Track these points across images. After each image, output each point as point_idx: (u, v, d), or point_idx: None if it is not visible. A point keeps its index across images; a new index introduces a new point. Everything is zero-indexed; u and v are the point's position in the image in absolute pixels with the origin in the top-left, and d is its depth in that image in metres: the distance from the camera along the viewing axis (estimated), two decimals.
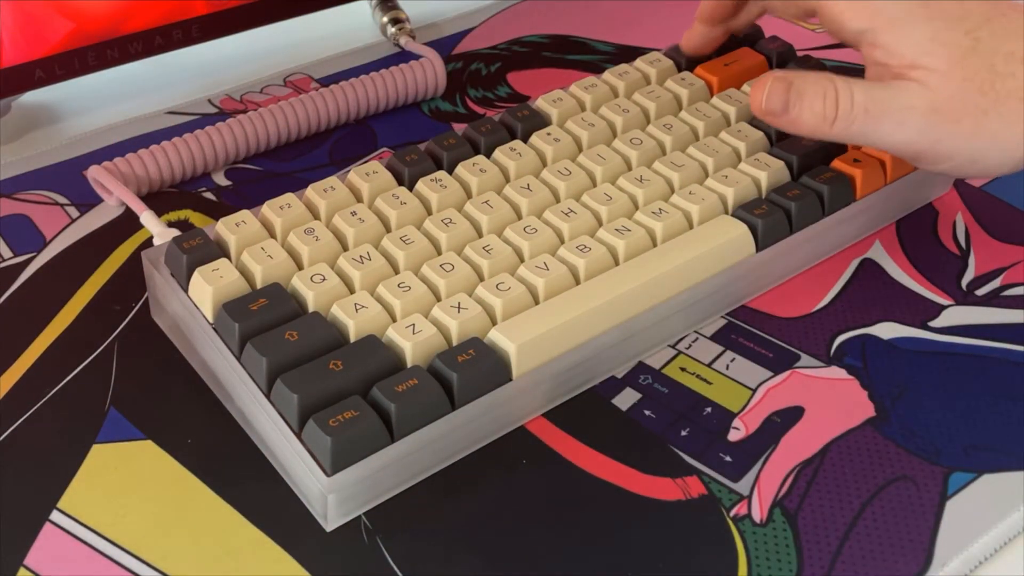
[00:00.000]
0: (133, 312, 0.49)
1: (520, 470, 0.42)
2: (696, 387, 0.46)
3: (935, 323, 0.49)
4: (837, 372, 0.46)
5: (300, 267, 0.45)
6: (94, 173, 0.53)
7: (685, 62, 0.58)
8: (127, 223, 0.53)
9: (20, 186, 0.55)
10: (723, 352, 0.47)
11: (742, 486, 0.42)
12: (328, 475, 0.39)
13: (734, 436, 0.44)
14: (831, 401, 0.45)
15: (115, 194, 0.53)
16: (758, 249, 0.48)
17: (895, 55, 0.45)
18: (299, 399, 0.40)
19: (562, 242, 0.47)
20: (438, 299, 0.44)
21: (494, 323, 0.43)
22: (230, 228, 0.46)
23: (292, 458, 0.40)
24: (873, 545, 0.40)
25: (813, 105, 0.45)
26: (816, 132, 0.46)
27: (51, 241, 0.52)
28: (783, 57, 0.59)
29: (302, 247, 0.46)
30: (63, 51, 0.55)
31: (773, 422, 0.44)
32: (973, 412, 0.45)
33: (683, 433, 0.44)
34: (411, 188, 0.50)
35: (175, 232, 0.48)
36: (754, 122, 0.54)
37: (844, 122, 0.45)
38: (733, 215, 0.49)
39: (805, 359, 0.47)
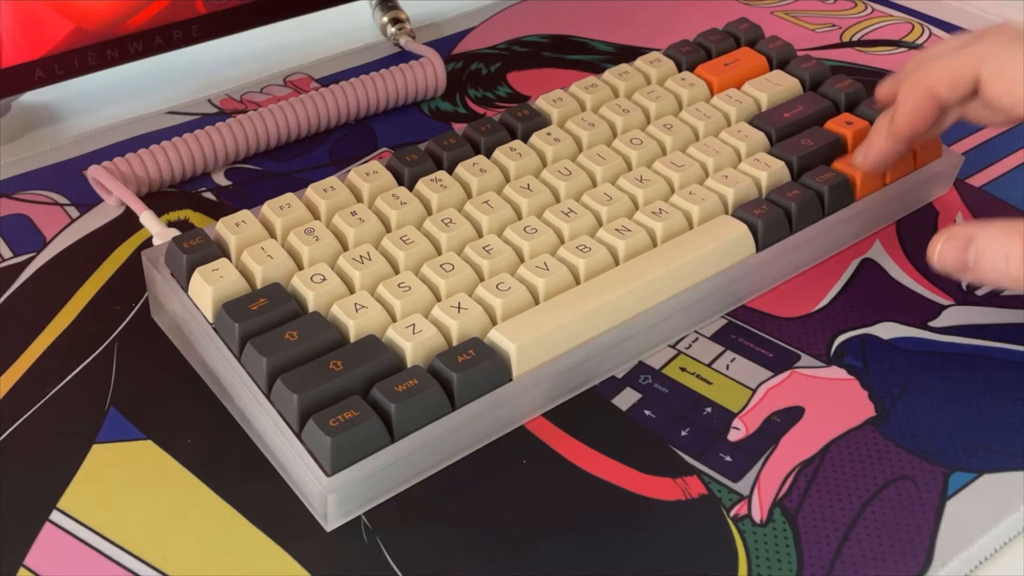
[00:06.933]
0: (133, 312, 0.49)
1: (520, 470, 0.42)
2: (696, 387, 0.46)
3: (935, 323, 0.49)
4: (837, 372, 0.46)
5: (300, 267, 0.45)
6: (94, 173, 0.53)
7: (685, 62, 0.58)
8: (127, 223, 0.53)
9: (20, 186, 0.55)
10: (723, 352, 0.47)
11: (742, 486, 0.42)
12: (328, 475, 0.39)
13: (734, 436, 0.44)
14: (831, 401, 0.45)
15: (115, 194, 0.53)
16: (758, 249, 0.48)
17: None
18: (299, 399, 0.39)
19: (562, 242, 0.47)
20: (438, 299, 0.44)
21: (494, 323, 0.43)
22: (230, 228, 0.46)
23: (292, 458, 0.40)
24: (873, 545, 0.40)
25: (996, 265, 0.41)
26: (1006, 286, 0.43)
27: (51, 241, 0.52)
28: (783, 57, 0.59)
29: (302, 247, 0.46)
30: (63, 51, 0.55)
31: (773, 422, 0.44)
32: (973, 412, 0.45)
33: (683, 433, 0.44)
34: (411, 188, 0.50)
35: (175, 232, 0.48)
36: (754, 122, 0.54)
37: None
38: (733, 215, 0.49)
39: (805, 359, 0.47)
